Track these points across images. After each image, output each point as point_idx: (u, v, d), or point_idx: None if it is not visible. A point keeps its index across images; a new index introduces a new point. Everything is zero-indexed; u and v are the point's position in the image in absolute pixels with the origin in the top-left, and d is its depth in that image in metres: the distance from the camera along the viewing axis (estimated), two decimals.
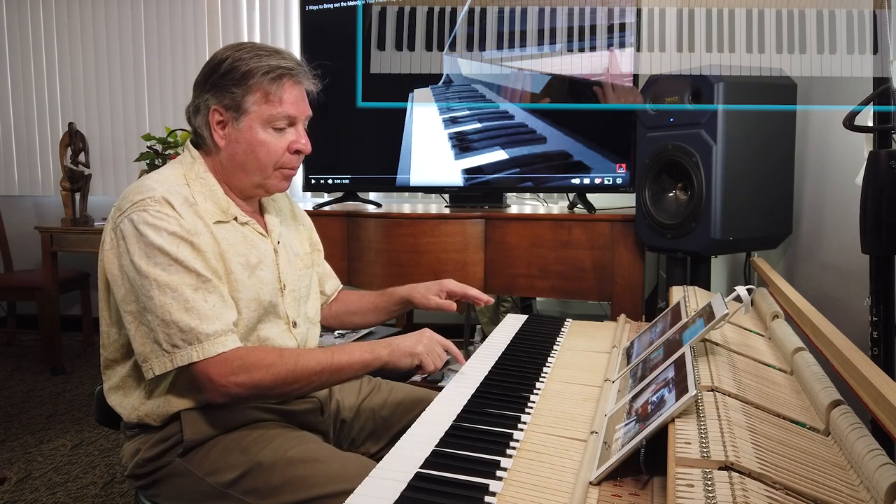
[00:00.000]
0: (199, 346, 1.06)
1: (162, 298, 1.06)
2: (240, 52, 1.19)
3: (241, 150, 1.20)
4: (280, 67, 1.18)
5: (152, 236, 1.08)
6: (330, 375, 1.13)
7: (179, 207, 1.12)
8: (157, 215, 1.09)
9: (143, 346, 1.08)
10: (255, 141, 1.19)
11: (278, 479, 1.06)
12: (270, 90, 1.17)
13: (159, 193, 1.11)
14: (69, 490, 2.16)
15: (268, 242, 1.26)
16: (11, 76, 4.19)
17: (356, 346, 1.15)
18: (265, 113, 1.18)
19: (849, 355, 0.85)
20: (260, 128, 1.18)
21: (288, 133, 1.21)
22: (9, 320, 3.94)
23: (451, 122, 2.49)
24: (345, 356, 1.13)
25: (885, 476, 0.61)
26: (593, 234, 2.17)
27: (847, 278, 1.65)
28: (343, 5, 2.59)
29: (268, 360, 1.09)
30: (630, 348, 1.21)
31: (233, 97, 1.17)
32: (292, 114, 1.19)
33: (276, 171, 1.22)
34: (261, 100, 1.17)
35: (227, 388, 1.07)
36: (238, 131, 1.19)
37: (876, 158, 1.14)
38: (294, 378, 1.10)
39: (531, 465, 0.80)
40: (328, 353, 1.13)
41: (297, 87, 1.20)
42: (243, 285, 1.17)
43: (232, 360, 1.07)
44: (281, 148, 1.20)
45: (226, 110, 1.18)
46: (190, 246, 1.10)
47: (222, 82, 1.18)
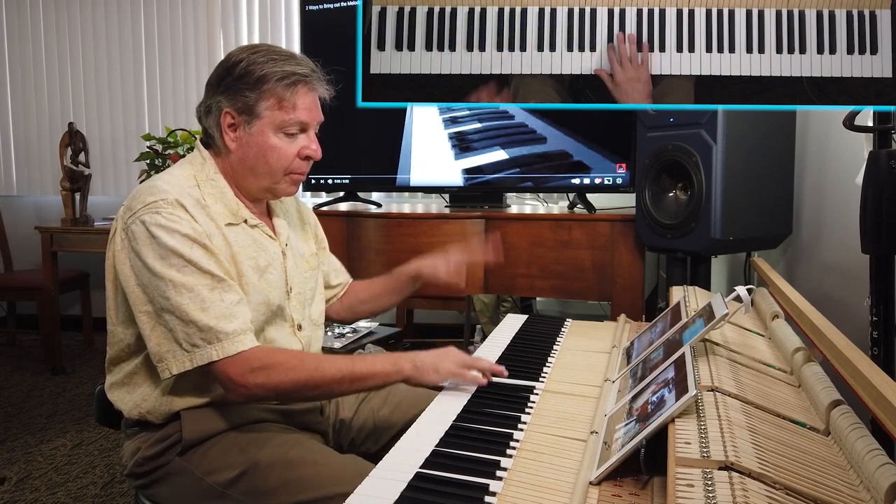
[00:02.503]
0: (219, 345, 1.06)
1: (178, 299, 1.06)
2: (255, 56, 1.17)
3: (251, 154, 1.19)
4: (295, 74, 1.16)
5: (165, 238, 1.07)
6: (350, 384, 1.11)
7: (192, 210, 1.12)
8: (171, 217, 1.09)
9: (160, 346, 1.08)
10: (267, 146, 1.18)
11: (275, 481, 1.06)
12: (284, 96, 1.16)
13: (172, 196, 1.11)
14: (69, 490, 2.16)
15: (276, 245, 1.26)
16: (11, 76, 4.20)
17: (378, 358, 1.15)
18: (278, 119, 1.17)
19: (849, 355, 0.85)
20: (272, 133, 1.17)
21: (299, 139, 1.20)
22: (9, 320, 3.94)
23: (451, 121, 2.49)
24: (366, 366, 1.12)
25: (885, 476, 0.61)
26: (593, 234, 2.18)
27: (847, 278, 1.65)
28: (343, 5, 2.59)
29: (289, 364, 1.09)
30: (630, 348, 1.21)
31: (246, 101, 1.16)
32: (305, 120, 1.19)
33: (286, 176, 1.21)
34: (274, 105, 1.16)
35: (247, 388, 1.07)
36: (250, 135, 1.18)
37: (876, 158, 1.14)
38: (314, 384, 1.09)
39: (531, 465, 0.80)
40: (349, 361, 1.13)
41: (311, 94, 1.20)
42: (254, 288, 1.17)
43: (251, 359, 1.07)
44: (292, 153, 1.19)
45: (238, 114, 1.17)
46: (203, 248, 1.10)
47: (236, 85, 1.16)
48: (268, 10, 3.82)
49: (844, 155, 1.71)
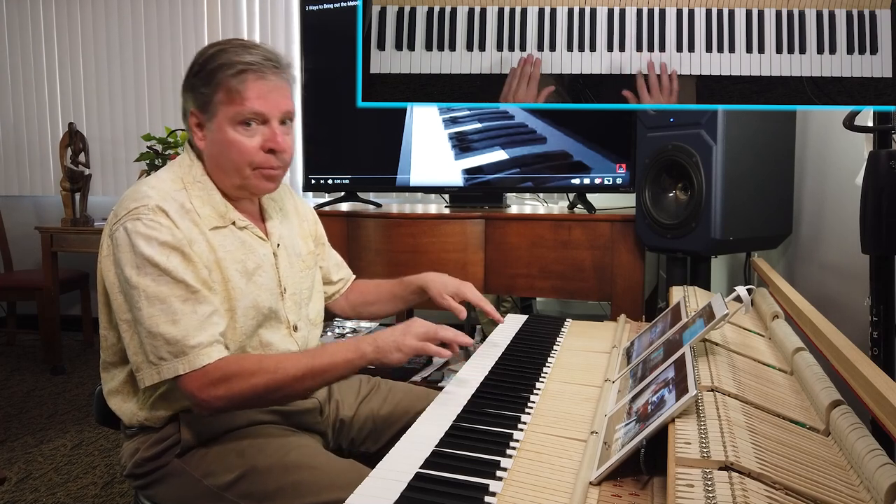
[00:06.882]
0: (185, 359, 1.04)
1: (150, 310, 1.05)
2: (210, 50, 1.15)
3: (216, 152, 1.16)
4: (242, 63, 1.12)
5: (143, 246, 1.06)
6: (313, 380, 1.09)
7: (174, 215, 1.10)
8: (151, 224, 1.08)
9: (136, 355, 1.08)
10: (226, 141, 1.14)
11: (273, 485, 1.06)
12: (232, 87, 1.12)
13: (154, 201, 1.10)
14: (69, 490, 2.16)
15: (267, 246, 1.24)
16: (11, 76, 4.20)
17: (339, 346, 1.11)
18: (230, 112, 1.13)
19: (849, 355, 0.84)
20: (229, 127, 1.13)
21: (260, 131, 1.15)
22: (9, 320, 3.94)
23: (451, 121, 2.49)
24: (326, 358, 1.09)
25: (885, 476, 0.61)
26: (593, 234, 2.17)
27: (847, 278, 1.65)
28: (343, 5, 2.59)
29: (248, 370, 1.06)
30: (630, 348, 1.21)
31: (203, 98, 1.14)
32: (259, 110, 1.13)
33: (254, 171, 1.16)
34: (224, 98, 1.12)
35: (209, 402, 1.05)
36: (212, 132, 1.15)
37: (876, 158, 1.14)
38: (276, 386, 1.06)
39: (531, 465, 0.80)
40: (309, 356, 1.10)
41: (262, 83, 1.13)
42: (241, 293, 1.15)
43: (211, 372, 1.05)
44: (252, 147, 1.14)
45: (200, 112, 1.16)
46: (181, 256, 1.08)
47: (194, 82, 1.15)
48: (268, 10, 3.81)
49: (844, 155, 1.71)
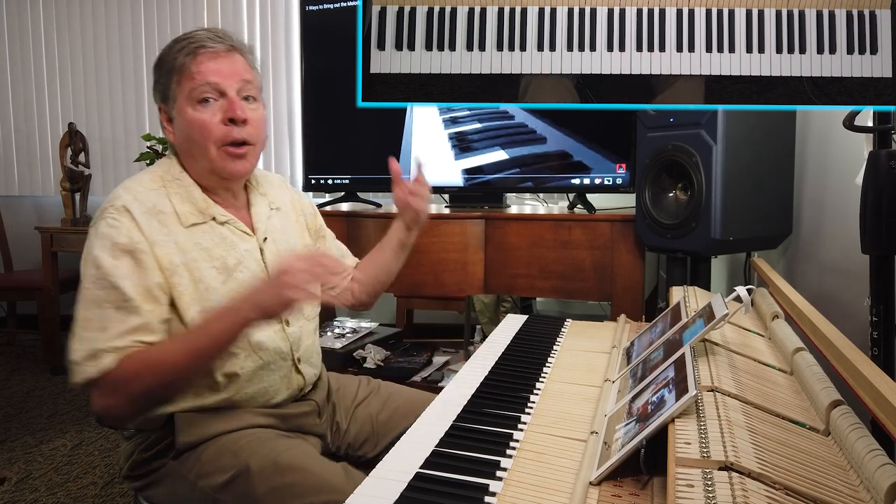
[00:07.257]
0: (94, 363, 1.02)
1: (84, 313, 1.05)
2: (167, 45, 1.18)
3: (182, 138, 1.17)
4: (189, 44, 1.14)
5: (97, 247, 1.07)
6: (200, 358, 1.04)
7: (139, 216, 1.10)
8: (112, 224, 1.08)
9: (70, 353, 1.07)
10: (187, 122, 1.14)
11: (265, 486, 1.05)
12: (184, 66, 1.13)
13: (121, 202, 1.10)
14: (69, 490, 2.16)
15: (251, 241, 1.22)
16: (11, 76, 4.20)
17: (216, 317, 1.05)
18: (186, 90, 1.13)
19: (849, 355, 0.84)
20: (189, 108, 1.14)
21: (219, 105, 1.14)
22: (9, 320, 3.94)
23: (452, 121, 2.49)
24: (205, 335, 1.04)
25: (885, 476, 0.61)
26: (593, 234, 2.18)
27: (847, 278, 1.65)
28: (343, 5, 2.59)
29: (132, 371, 1.02)
30: (630, 348, 1.21)
31: (163, 87, 1.17)
32: (213, 80, 1.13)
33: (219, 150, 1.15)
34: (178, 80, 1.14)
35: (107, 410, 1.04)
36: (177, 120, 1.17)
37: (876, 158, 1.14)
38: (166, 379, 1.03)
39: (531, 466, 0.80)
40: (189, 338, 1.06)
41: (215, 58, 1.14)
42: (215, 292, 1.14)
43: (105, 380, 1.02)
44: (213, 121, 1.13)
45: (164, 103, 1.18)
46: (132, 260, 1.07)
47: (155, 77, 1.19)
48: (268, 10, 3.81)
49: (844, 155, 1.71)
